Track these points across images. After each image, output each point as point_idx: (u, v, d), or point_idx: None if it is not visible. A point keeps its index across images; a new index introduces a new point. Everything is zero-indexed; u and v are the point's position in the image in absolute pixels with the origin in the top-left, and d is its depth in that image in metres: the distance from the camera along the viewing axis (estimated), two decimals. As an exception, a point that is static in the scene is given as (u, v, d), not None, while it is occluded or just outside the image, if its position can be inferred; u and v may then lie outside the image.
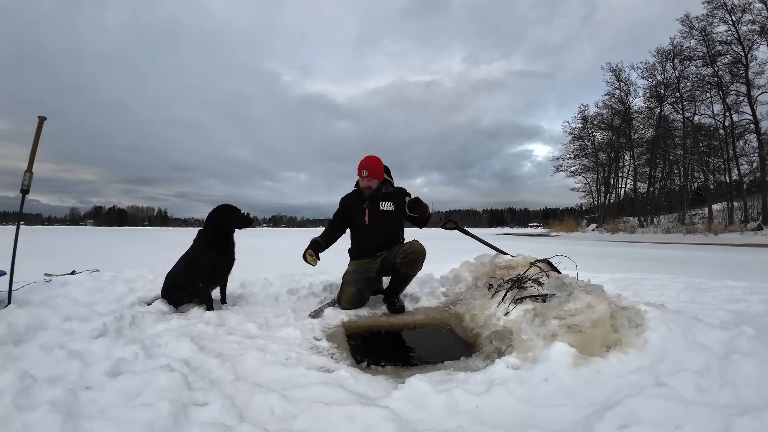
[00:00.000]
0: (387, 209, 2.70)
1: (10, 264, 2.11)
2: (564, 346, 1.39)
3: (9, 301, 2.05)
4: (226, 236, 2.44)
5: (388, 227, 2.69)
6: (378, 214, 2.68)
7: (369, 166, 2.66)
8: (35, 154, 2.20)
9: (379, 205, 2.69)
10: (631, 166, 28.69)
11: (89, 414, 1.07)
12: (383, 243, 2.65)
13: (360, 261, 2.67)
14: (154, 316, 2.05)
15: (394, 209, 2.71)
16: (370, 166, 2.66)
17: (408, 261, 2.46)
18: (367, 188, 2.68)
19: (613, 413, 1.03)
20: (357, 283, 2.54)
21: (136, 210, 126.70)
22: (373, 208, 2.68)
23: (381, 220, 2.67)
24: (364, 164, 2.66)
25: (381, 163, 2.72)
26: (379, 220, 2.67)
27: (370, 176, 2.65)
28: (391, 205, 2.71)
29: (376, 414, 1.09)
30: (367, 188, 2.68)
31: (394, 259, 2.49)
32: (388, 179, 2.80)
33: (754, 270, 5.17)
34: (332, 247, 2.71)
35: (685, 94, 24.07)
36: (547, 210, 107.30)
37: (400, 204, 2.72)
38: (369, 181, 2.66)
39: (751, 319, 2.36)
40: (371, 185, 2.67)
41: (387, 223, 2.69)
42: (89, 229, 45.01)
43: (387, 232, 2.68)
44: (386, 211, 2.70)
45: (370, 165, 2.67)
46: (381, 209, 2.69)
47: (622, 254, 8.28)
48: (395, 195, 2.77)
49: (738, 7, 19.47)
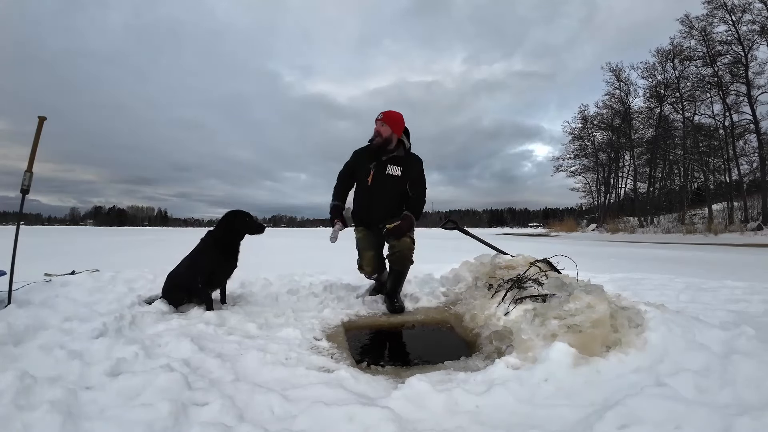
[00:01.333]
0: (393, 174, 2.51)
1: (10, 264, 2.11)
2: (564, 346, 1.39)
3: (9, 301, 2.05)
4: (234, 240, 2.45)
5: (390, 195, 2.53)
6: (383, 177, 2.50)
7: (387, 112, 2.50)
8: (35, 154, 2.20)
9: (386, 168, 2.51)
10: (631, 166, 28.69)
11: (89, 414, 1.07)
12: (382, 214, 2.52)
13: (365, 229, 2.61)
14: (154, 316, 2.05)
15: (401, 176, 2.52)
16: (388, 113, 2.50)
17: (396, 259, 2.48)
18: (377, 134, 2.47)
19: (613, 413, 1.03)
20: (372, 247, 2.52)
21: (136, 210, 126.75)
22: (379, 170, 2.51)
23: (385, 186, 2.51)
24: (383, 112, 2.51)
25: (402, 119, 2.53)
26: (382, 184, 2.50)
27: (384, 120, 2.47)
28: (398, 171, 2.52)
29: (376, 414, 1.09)
30: (377, 134, 2.47)
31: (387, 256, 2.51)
32: (404, 141, 2.59)
33: (754, 270, 5.17)
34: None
35: (685, 94, 24.07)
36: (547, 210, 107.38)
37: (409, 173, 2.54)
38: (381, 126, 2.46)
39: (751, 319, 2.36)
40: (382, 131, 2.46)
41: (390, 191, 2.53)
42: (89, 229, 45.03)
43: (389, 201, 2.53)
44: (392, 177, 2.51)
45: (388, 112, 2.50)
46: (387, 173, 2.50)
47: (622, 254, 8.28)
48: (407, 161, 2.56)
49: (738, 7, 19.47)
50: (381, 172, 2.51)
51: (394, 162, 2.53)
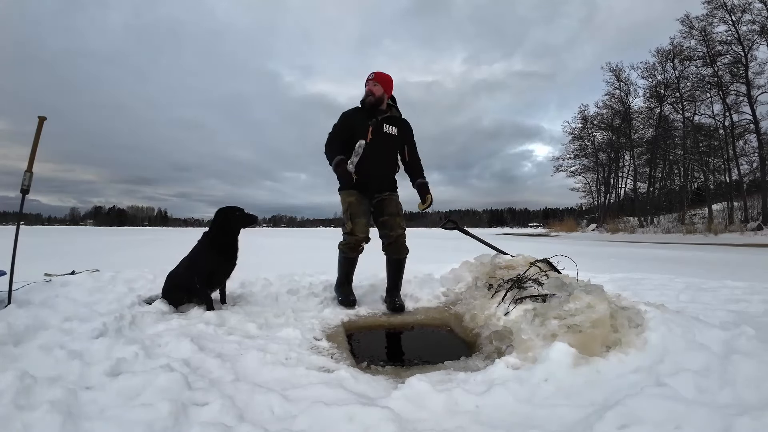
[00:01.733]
0: (390, 133, 2.58)
1: (10, 264, 2.11)
2: (564, 346, 1.39)
3: (9, 301, 2.05)
4: (230, 237, 2.43)
5: (388, 154, 2.59)
6: (381, 135, 2.54)
7: (378, 73, 2.58)
8: (35, 154, 2.20)
9: (383, 126, 2.55)
10: (631, 166, 28.70)
11: (89, 414, 1.07)
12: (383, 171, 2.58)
13: (357, 192, 2.56)
14: (154, 316, 2.05)
15: (397, 135, 2.60)
16: (379, 73, 2.58)
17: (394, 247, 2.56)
18: (369, 93, 2.53)
19: (613, 413, 1.03)
20: (366, 215, 2.56)
21: (136, 210, 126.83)
22: (377, 128, 2.53)
23: (383, 143, 2.54)
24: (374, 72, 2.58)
25: (392, 80, 2.61)
26: (381, 142, 2.53)
27: (376, 80, 2.54)
28: (394, 130, 2.59)
29: (376, 414, 1.09)
30: (369, 93, 2.53)
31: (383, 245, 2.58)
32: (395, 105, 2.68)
33: (754, 270, 5.17)
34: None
35: (685, 94, 24.08)
36: (547, 210, 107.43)
37: (403, 133, 2.63)
38: (374, 85, 2.53)
39: (751, 319, 2.36)
40: (375, 90, 2.53)
41: (388, 149, 2.59)
42: (89, 229, 45.04)
43: (386, 159, 2.59)
44: (389, 135, 2.57)
45: (379, 73, 2.58)
46: (384, 131, 2.55)
47: (622, 254, 8.28)
48: (402, 122, 2.66)
49: (738, 7, 19.48)
50: (379, 130, 2.53)
51: (389, 122, 2.59)
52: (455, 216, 78.22)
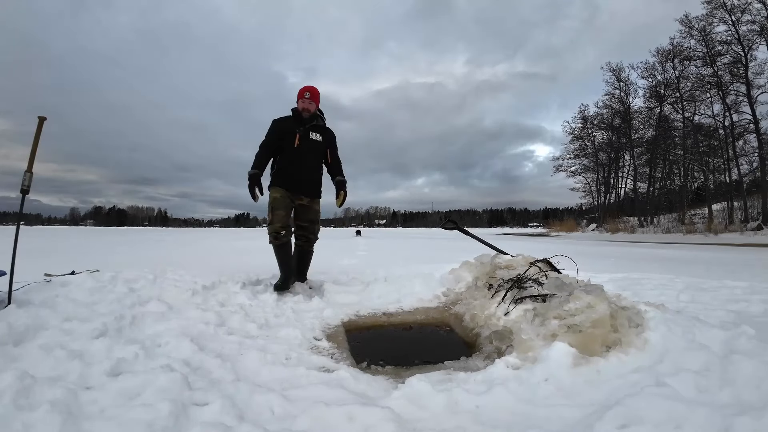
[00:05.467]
0: (315, 139, 2.94)
1: (10, 264, 2.10)
2: (564, 346, 1.39)
3: (9, 301, 2.05)
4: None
5: (314, 157, 2.95)
6: (308, 141, 2.90)
7: (311, 89, 2.94)
8: (35, 154, 2.20)
9: (309, 134, 2.92)
10: (631, 166, 28.69)
11: (89, 414, 1.07)
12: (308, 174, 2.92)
13: (284, 189, 2.88)
14: (154, 316, 2.05)
15: (321, 142, 2.97)
16: (312, 90, 2.95)
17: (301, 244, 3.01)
18: (306, 110, 2.90)
19: (613, 413, 1.03)
20: (287, 209, 2.88)
21: (136, 210, 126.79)
22: (305, 135, 2.90)
23: (309, 148, 2.91)
24: (306, 88, 2.94)
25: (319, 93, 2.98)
26: (308, 147, 2.90)
27: (312, 99, 2.92)
28: (319, 137, 2.96)
29: (376, 414, 1.09)
30: (306, 110, 2.90)
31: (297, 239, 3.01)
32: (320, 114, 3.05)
33: (754, 270, 5.17)
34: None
35: (685, 94, 24.07)
36: (547, 210, 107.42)
37: (326, 140, 3.00)
38: (309, 104, 2.91)
39: (751, 319, 2.36)
40: (310, 108, 2.91)
41: (313, 153, 2.94)
42: (89, 229, 45.00)
43: (312, 161, 2.94)
44: (314, 141, 2.94)
45: (312, 89, 2.95)
46: (311, 138, 2.92)
47: (622, 254, 8.27)
48: (326, 130, 3.04)
49: (737, 7, 19.47)
50: (306, 137, 2.91)
51: (315, 130, 2.97)
52: (455, 216, 78.16)
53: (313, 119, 2.95)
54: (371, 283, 2.94)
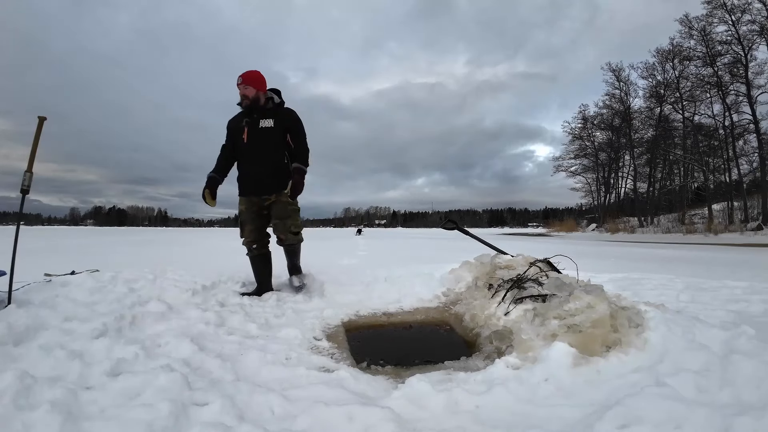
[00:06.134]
0: (267, 126, 2.52)
1: (10, 264, 2.10)
2: (564, 346, 1.39)
3: (9, 301, 2.05)
4: None
5: (268, 148, 2.54)
6: (258, 131, 2.50)
7: (245, 74, 2.50)
8: (35, 154, 2.20)
9: (258, 123, 2.52)
10: (631, 166, 28.71)
11: (89, 414, 1.07)
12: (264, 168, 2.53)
13: (248, 198, 2.66)
14: (154, 316, 2.05)
15: (274, 127, 2.53)
16: (246, 73, 2.51)
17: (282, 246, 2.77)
18: (243, 97, 2.50)
19: (613, 413, 1.03)
20: (254, 221, 2.68)
21: (136, 210, 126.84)
22: (253, 126, 2.51)
23: (261, 139, 2.52)
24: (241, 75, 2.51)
25: (261, 76, 2.56)
26: (258, 138, 2.51)
27: (245, 83, 2.48)
28: (271, 122, 2.53)
29: (376, 414, 1.09)
30: (243, 97, 2.50)
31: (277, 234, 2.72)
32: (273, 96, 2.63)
33: (754, 270, 5.16)
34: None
35: (685, 94, 24.09)
36: (547, 210, 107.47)
37: (282, 122, 2.57)
38: (245, 89, 2.49)
39: (751, 319, 2.36)
40: (248, 93, 2.49)
41: (268, 144, 2.53)
42: (89, 229, 45.02)
43: (267, 152, 2.54)
44: (266, 129, 2.52)
45: (246, 73, 2.51)
46: (260, 127, 2.52)
47: (622, 254, 8.27)
48: (278, 112, 2.58)
49: (737, 7, 19.48)
50: (254, 127, 2.52)
51: (265, 115, 2.56)
52: (455, 216, 78.18)
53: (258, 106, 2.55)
54: (371, 283, 2.94)
